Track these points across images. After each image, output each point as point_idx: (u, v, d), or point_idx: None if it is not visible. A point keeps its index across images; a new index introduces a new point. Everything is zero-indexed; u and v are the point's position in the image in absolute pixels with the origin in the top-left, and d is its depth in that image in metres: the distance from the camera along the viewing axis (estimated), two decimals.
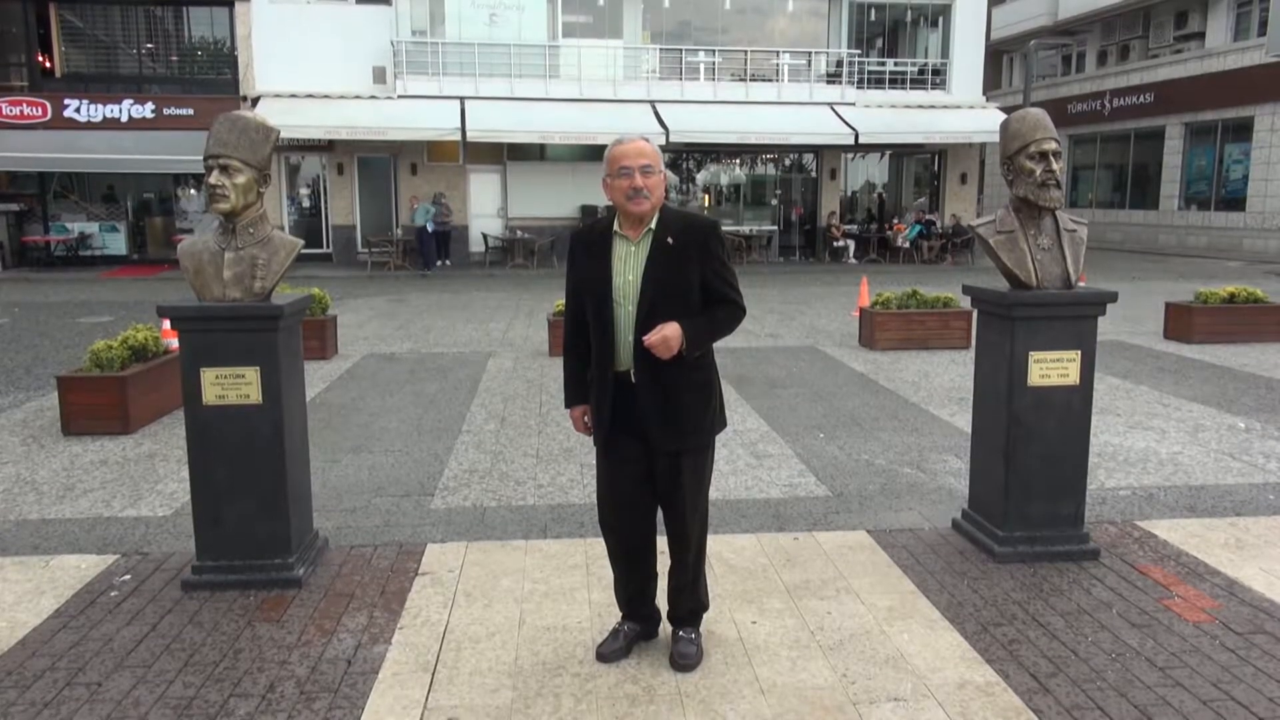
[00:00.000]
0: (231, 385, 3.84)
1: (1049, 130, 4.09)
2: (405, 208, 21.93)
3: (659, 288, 3.03)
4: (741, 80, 22.96)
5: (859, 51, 23.64)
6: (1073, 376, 4.14)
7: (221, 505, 3.92)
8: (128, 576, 4.07)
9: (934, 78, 24.10)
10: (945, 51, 24.18)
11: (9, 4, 21.23)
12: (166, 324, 8.61)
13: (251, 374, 3.84)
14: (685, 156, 24.62)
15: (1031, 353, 4.09)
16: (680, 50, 22.87)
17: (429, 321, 12.89)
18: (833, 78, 23.33)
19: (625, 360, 3.10)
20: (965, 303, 5.72)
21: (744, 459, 5.99)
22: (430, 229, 20.92)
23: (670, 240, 3.06)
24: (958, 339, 10.07)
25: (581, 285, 3.16)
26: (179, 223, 22.88)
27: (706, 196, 25.33)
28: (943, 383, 8.41)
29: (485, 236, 22.48)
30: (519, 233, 22.33)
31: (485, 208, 23.21)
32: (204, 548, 3.95)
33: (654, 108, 21.71)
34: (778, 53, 23.35)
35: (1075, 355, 4.13)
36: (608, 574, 3.48)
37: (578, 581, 3.99)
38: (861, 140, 21.49)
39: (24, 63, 21.72)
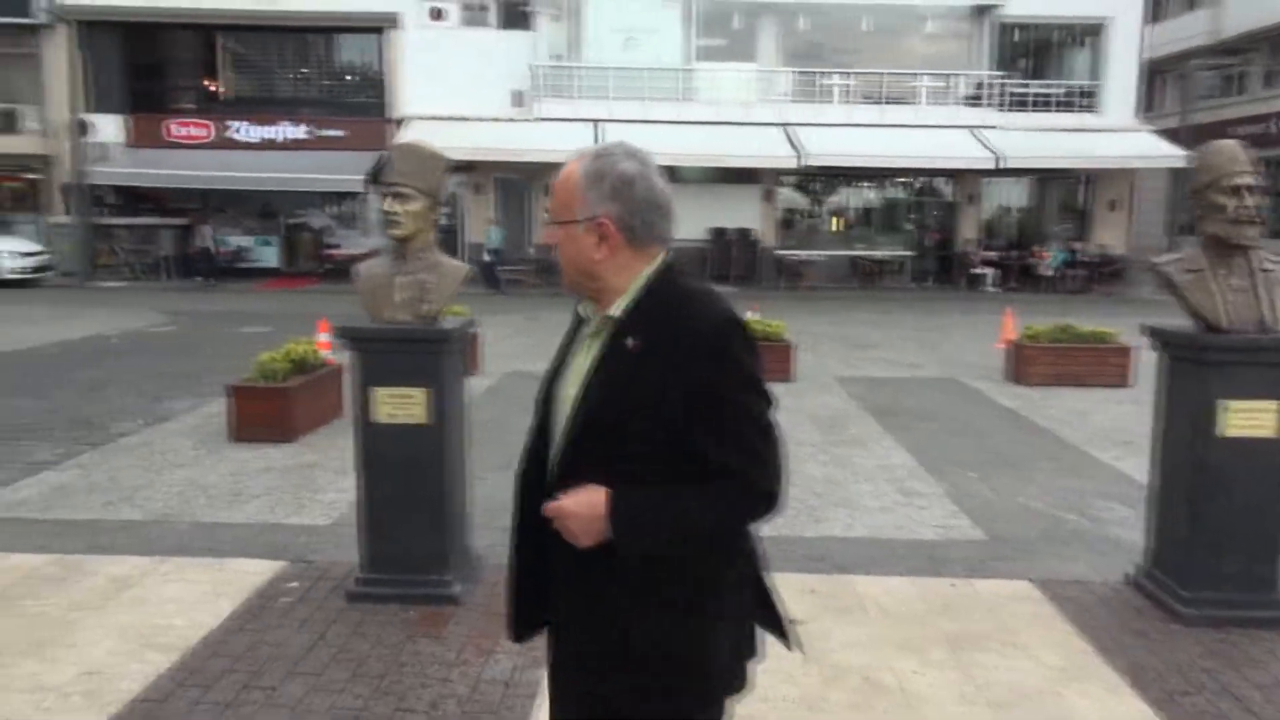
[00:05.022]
0: (401, 405, 3.96)
1: (1244, 163, 3.84)
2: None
3: (591, 419, 1.76)
4: (876, 103, 22.55)
5: (1002, 73, 22.89)
6: (1270, 428, 3.84)
7: (386, 520, 4.04)
8: (295, 583, 4.24)
9: (1083, 99, 23.07)
10: (1096, 72, 23.14)
11: (183, 32, 22.92)
12: (321, 336, 9.03)
13: (420, 394, 3.96)
14: (814, 179, 24.32)
15: (1224, 400, 3.82)
16: (815, 73, 22.66)
17: None
18: (974, 100, 22.65)
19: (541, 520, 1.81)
20: (1123, 338, 5.40)
21: (891, 496, 5.81)
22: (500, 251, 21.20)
23: (630, 342, 1.76)
24: (1115, 376, 9.51)
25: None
26: (326, 239, 24.04)
27: (836, 219, 24.95)
28: (1101, 423, 7.95)
29: None
30: None
31: None
32: (368, 560, 4.08)
33: (786, 131, 21.55)
34: (916, 74, 22.84)
35: (1273, 406, 3.83)
36: None
37: None
38: (1006, 164, 20.74)
39: (193, 86, 23.45)
